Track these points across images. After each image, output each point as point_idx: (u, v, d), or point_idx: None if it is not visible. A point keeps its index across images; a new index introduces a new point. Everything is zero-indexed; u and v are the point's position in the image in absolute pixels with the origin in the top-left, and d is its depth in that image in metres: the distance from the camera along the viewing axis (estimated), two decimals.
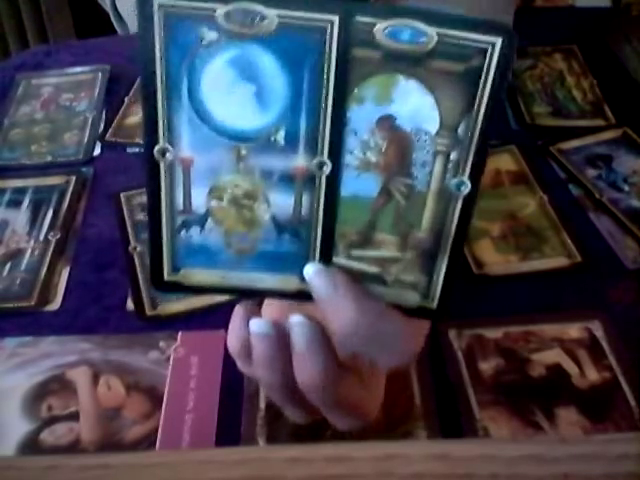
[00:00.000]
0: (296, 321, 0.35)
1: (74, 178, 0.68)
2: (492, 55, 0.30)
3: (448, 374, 0.48)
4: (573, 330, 0.50)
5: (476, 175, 0.33)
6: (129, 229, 0.61)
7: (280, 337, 0.35)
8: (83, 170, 0.69)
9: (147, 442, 0.46)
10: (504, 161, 0.66)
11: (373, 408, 0.38)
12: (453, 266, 0.35)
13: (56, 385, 0.49)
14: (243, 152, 0.34)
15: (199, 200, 0.35)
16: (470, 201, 0.33)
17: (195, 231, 0.36)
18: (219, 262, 0.36)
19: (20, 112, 0.78)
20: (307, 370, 0.35)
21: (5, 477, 0.34)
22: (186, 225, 0.35)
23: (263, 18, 0.31)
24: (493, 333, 0.51)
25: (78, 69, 0.84)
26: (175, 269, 0.37)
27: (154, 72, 0.32)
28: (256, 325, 0.36)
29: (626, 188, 0.63)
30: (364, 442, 0.36)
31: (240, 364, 0.39)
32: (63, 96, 0.80)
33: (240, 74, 0.32)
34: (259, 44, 0.31)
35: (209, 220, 0.35)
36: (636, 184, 0.63)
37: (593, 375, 0.48)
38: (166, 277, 0.37)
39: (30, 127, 0.76)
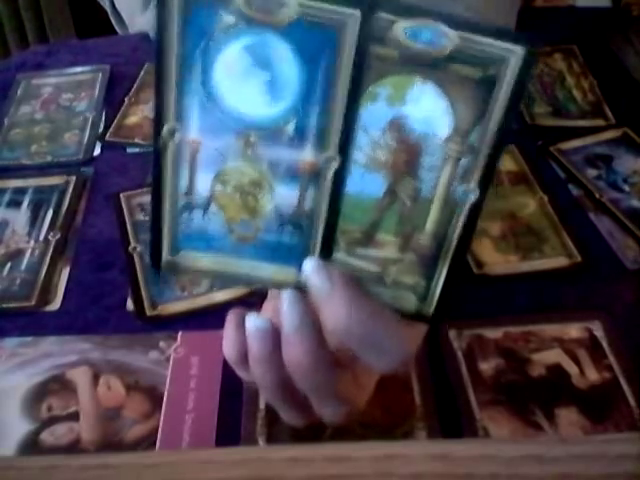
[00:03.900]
0: (286, 302, 0.35)
1: (74, 178, 0.68)
2: (510, 64, 0.30)
3: (448, 374, 0.48)
4: (573, 330, 0.50)
5: (484, 184, 0.32)
6: (129, 229, 0.61)
7: (275, 334, 0.36)
8: (83, 170, 0.69)
9: (147, 442, 0.46)
10: (504, 161, 0.66)
11: (361, 400, 0.38)
12: (453, 272, 0.35)
13: (56, 385, 0.49)
14: (252, 140, 0.33)
15: (204, 184, 0.34)
16: (476, 210, 0.33)
17: (197, 215, 0.35)
18: (219, 247, 0.36)
19: (20, 112, 0.78)
20: (294, 350, 0.35)
21: (5, 477, 0.34)
22: (188, 208, 0.35)
23: (283, 5, 0.30)
24: (493, 333, 0.51)
25: (78, 69, 0.84)
26: (174, 250, 0.36)
27: (169, 52, 0.31)
28: (252, 322, 0.36)
29: (626, 188, 0.63)
30: (364, 442, 0.36)
31: (238, 370, 0.39)
32: (63, 96, 0.80)
33: (255, 61, 0.32)
34: (276, 33, 0.31)
35: (212, 205, 0.35)
36: (636, 184, 0.63)
37: (593, 375, 0.48)
38: (165, 257, 0.36)
39: (30, 127, 0.76)
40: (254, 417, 0.46)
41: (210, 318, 0.53)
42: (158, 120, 0.33)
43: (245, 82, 0.32)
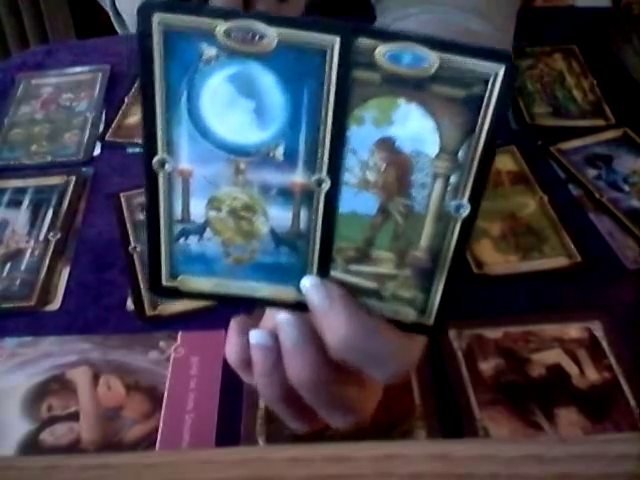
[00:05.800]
0: (283, 319, 0.36)
1: (74, 178, 0.68)
2: (494, 83, 0.30)
3: (448, 374, 0.48)
4: (573, 330, 0.50)
5: (476, 198, 0.33)
6: (129, 229, 0.61)
7: (278, 348, 0.36)
8: (83, 170, 0.69)
9: (147, 442, 0.46)
10: (504, 161, 0.66)
11: (370, 405, 0.38)
12: (450, 284, 0.35)
13: (56, 385, 0.49)
14: (242, 166, 0.34)
15: (198, 210, 0.35)
16: (469, 223, 0.33)
17: (193, 240, 0.36)
18: (217, 270, 0.36)
19: (20, 112, 0.78)
20: (296, 366, 0.35)
21: (5, 477, 0.34)
22: (184, 234, 0.36)
23: (263, 36, 0.30)
24: (493, 333, 0.51)
25: (78, 69, 0.84)
26: (173, 275, 0.37)
27: (153, 86, 0.32)
28: (255, 336, 0.36)
29: (626, 188, 0.63)
30: (364, 442, 0.36)
31: (240, 373, 0.39)
32: (63, 96, 0.80)
33: (239, 90, 0.32)
34: (259, 62, 0.31)
35: (207, 230, 0.35)
36: (636, 184, 0.63)
37: (593, 375, 0.48)
38: (164, 283, 0.37)
39: (30, 127, 0.76)
40: (254, 417, 0.46)
41: (210, 318, 0.53)
42: (148, 151, 0.33)
43: (231, 111, 0.32)
